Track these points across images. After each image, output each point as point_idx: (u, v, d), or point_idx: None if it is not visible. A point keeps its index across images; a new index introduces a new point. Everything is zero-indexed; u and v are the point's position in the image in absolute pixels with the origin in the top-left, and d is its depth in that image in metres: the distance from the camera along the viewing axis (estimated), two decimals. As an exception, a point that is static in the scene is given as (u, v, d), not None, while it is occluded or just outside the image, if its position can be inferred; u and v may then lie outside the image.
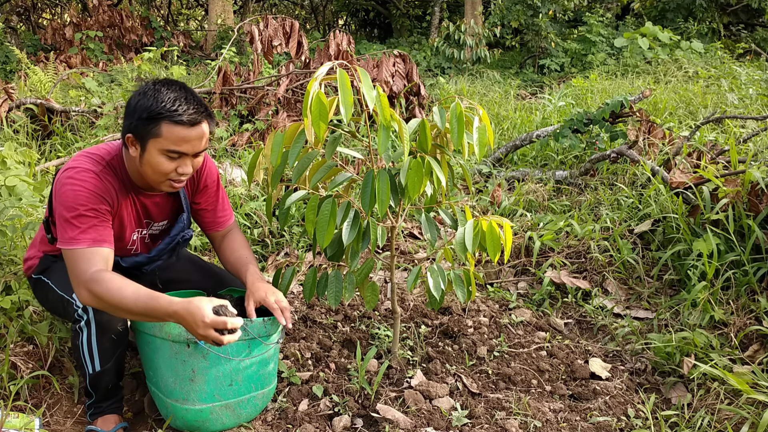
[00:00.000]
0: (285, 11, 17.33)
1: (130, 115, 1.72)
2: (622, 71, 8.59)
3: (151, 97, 1.69)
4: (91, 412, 1.94)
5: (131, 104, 1.73)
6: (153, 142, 1.71)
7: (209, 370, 1.76)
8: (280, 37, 5.46)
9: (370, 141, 1.88)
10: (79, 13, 11.79)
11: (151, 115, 1.68)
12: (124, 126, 1.75)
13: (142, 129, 1.70)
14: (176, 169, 1.76)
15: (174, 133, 1.70)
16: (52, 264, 1.97)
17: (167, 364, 1.78)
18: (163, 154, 1.73)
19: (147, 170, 1.76)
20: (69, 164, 1.77)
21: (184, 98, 1.71)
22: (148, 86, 1.73)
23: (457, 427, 1.93)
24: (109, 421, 1.93)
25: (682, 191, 2.94)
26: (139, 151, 1.74)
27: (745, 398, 1.89)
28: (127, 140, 1.75)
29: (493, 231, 1.93)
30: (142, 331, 1.82)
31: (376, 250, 3.32)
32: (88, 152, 1.81)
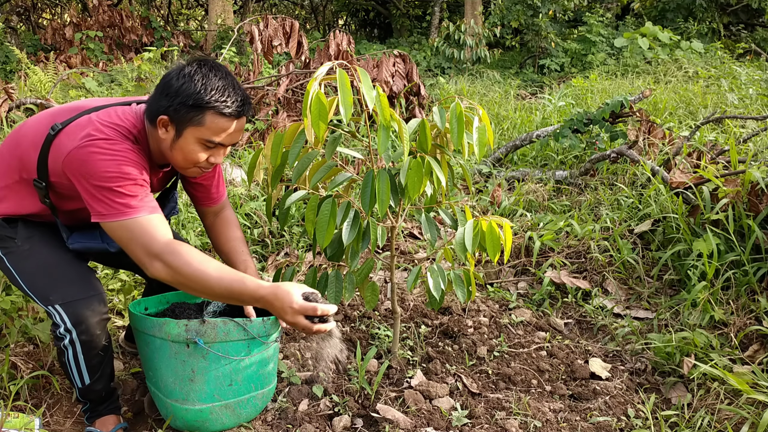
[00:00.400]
0: (285, 11, 17.33)
1: (170, 97, 1.58)
2: (622, 71, 8.59)
3: (198, 83, 1.57)
4: (87, 416, 1.93)
5: (173, 85, 1.58)
6: (192, 130, 1.60)
7: (209, 371, 1.76)
8: (280, 37, 5.46)
9: (370, 141, 1.88)
10: (79, 13, 11.79)
11: (197, 102, 1.56)
12: (159, 105, 1.60)
13: (183, 115, 1.58)
14: (208, 158, 1.68)
15: (217, 124, 1.60)
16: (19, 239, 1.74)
17: (167, 364, 1.78)
18: (199, 143, 1.63)
19: (176, 155, 1.65)
20: (89, 132, 1.57)
21: (232, 87, 1.61)
22: (194, 68, 1.60)
23: (457, 427, 1.93)
24: (108, 422, 1.92)
25: (682, 191, 2.94)
26: (173, 136, 1.62)
27: (745, 398, 1.89)
28: (159, 121, 1.61)
29: (493, 231, 1.93)
30: (141, 331, 1.81)
31: (376, 250, 3.32)
32: (112, 122, 1.62)
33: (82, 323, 1.71)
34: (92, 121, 1.61)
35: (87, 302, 1.72)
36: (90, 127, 1.59)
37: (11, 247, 1.74)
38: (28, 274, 1.73)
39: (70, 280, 1.74)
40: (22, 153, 1.68)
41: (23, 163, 1.67)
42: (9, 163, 1.71)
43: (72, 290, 1.72)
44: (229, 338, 1.74)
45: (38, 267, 1.73)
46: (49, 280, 1.72)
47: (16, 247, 1.74)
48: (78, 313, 1.71)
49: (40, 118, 1.71)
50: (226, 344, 1.75)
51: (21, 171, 1.69)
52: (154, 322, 1.75)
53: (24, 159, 1.67)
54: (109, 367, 1.87)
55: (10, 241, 1.74)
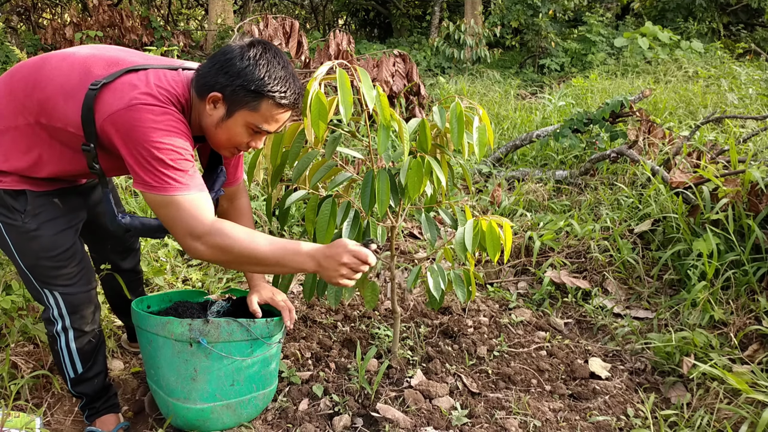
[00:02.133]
0: (285, 11, 17.33)
1: (231, 76, 1.51)
2: (622, 71, 8.59)
3: (263, 68, 1.51)
4: (86, 414, 1.93)
5: (236, 65, 1.51)
6: (244, 114, 1.54)
7: (211, 370, 1.76)
8: (280, 37, 5.46)
9: (370, 141, 1.88)
10: (79, 13, 11.79)
11: (258, 89, 1.50)
12: (216, 81, 1.52)
13: (240, 98, 1.52)
14: (249, 142, 1.62)
15: (271, 112, 1.55)
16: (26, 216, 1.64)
17: (169, 363, 1.78)
18: (247, 126, 1.57)
19: (221, 134, 1.59)
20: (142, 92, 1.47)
21: (292, 79, 1.57)
22: (259, 52, 1.53)
23: (457, 427, 1.93)
24: (109, 421, 1.92)
25: (682, 191, 2.94)
26: (222, 114, 1.55)
27: (744, 398, 1.89)
28: (210, 97, 1.53)
29: (493, 231, 1.93)
30: (144, 329, 1.81)
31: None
32: (164, 87, 1.52)
33: (77, 311, 1.74)
34: (143, 81, 1.51)
35: (87, 295, 1.75)
36: (141, 87, 1.49)
37: (15, 220, 1.64)
38: (31, 256, 1.67)
39: (74, 269, 1.73)
40: (45, 97, 1.53)
41: (44, 107, 1.54)
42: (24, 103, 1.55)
43: (73, 277, 1.72)
44: (233, 338, 1.75)
45: (42, 250, 1.66)
46: (53, 266, 1.68)
47: (21, 222, 1.64)
48: (75, 301, 1.73)
49: (70, 63, 1.56)
50: (230, 344, 1.75)
51: (38, 115, 1.54)
52: (158, 321, 1.75)
53: (46, 104, 1.53)
54: (101, 356, 1.87)
55: (15, 213, 1.63)
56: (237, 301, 2.01)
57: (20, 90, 1.56)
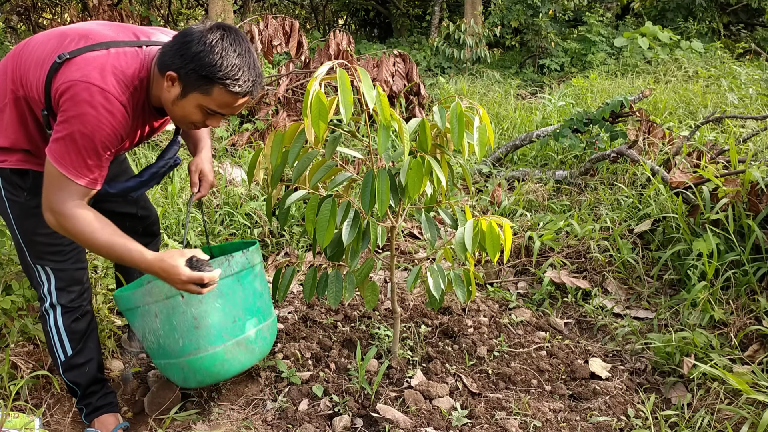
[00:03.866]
0: (285, 11, 17.32)
1: (185, 59, 1.55)
2: (622, 71, 8.59)
3: (217, 56, 1.54)
4: (84, 413, 1.94)
5: (191, 50, 1.54)
6: (196, 96, 1.59)
7: (209, 312, 1.78)
8: (280, 37, 5.46)
9: (370, 141, 1.88)
10: (79, 13, 11.79)
11: (209, 75, 1.54)
12: (171, 62, 1.57)
13: (192, 81, 1.56)
14: (205, 121, 1.68)
15: (223, 98, 1.59)
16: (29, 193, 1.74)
17: (168, 323, 1.79)
18: (200, 108, 1.62)
19: (176, 110, 1.64)
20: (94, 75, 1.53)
21: (247, 66, 1.59)
22: (215, 35, 1.56)
23: (457, 427, 1.93)
24: (108, 422, 1.93)
25: (682, 191, 2.94)
26: (177, 93, 1.60)
27: (744, 398, 1.89)
28: (167, 75, 1.58)
29: (493, 231, 1.93)
30: (133, 307, 1.82)
31: (376, 249, 3.32)
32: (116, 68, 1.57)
33: (67, 288, 1.81)
34: (101, 59, 1.57)
35: (78, 272, 1.84)
36: (96, 65, 1.55)
37: (18, 196, 1.74)
38: (29, 231, 1.76)
39: (68, 246, 1.81)
40: (25, 68, 1.63)
41: (22, 78, 1.63)
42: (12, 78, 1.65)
43: (67, 256, 1.80)
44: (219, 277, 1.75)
45: (39, 226, 1.72)
46: (50, 244, 1.77)
47: (24, 199, 1.74)
48: (66, 278, 1.81)
49: (49, 37, 1.66)
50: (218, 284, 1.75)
51: (19, 87, 1.64)
52: (143, 290, 1.80)
53: (24, 75, 1.62)
54: (92, 343, 1.90)
55: (18, 189, 1.74)
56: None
57: (9, 66, 1.67)
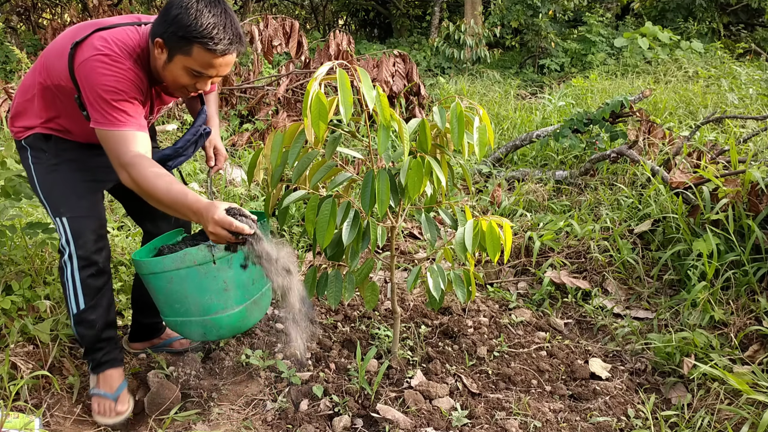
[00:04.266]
0: (285, 11, 17.32)
1: (166, 24, 1.69)
2: (622, 71, 8.59)
3: (192, 16, 1.66)
4: (90, 366, 2.03)
5: (171, 14, 1.69)
6: (180, 58, 1.72)
7: (236, 277, 1.95)
8: (280, 37, 5.46)
9: (370, 141, 1.88)
10: (79, 13, 11.78)
11: (186, 35, 1.67)
12: (157, 29, 1.72)
13: (174, 43, 1.70)
14: (195, 84, 1.79)
15: (203, 57, 1.70)
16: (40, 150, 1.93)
17: (199, 287, 1.92)
18: (186, 70, 1.74)
19: (167, 76, 1.78)
20: (99, 47, 1.72)
21: (223, 26, 1.69)
22: (192, 1, 1.69)
23: (457, 427, 1.93)
24: (112, 378, 2.01)
25: (682, 191, 2.94)
26: (165, 58, 1.74)
27: (745, 398, 1.89)
28: (155, 43, 1.73)
29: (493, 231, 1.93)
30: (159, 272, 1.93)
31: (376, 250, 3.32)
32: (118, 39, 1.75)
33: (80, 237, 1.91)
34: (103, 37, 1.75)
35: (89, 220, 1.94)
36: (99, 42, 1.73)
37: (41, 159, 1.93)
38: (48, 186, 1.93)
39: (81, 198, 1.95)
40: (50, 62, 1.83)
41: (48, 70, 1.83)
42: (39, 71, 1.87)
43: (79, 207, 1.93)
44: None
45: (58, 181, 1.92)
46: (64, 195, 1.92)
47: (46, 159, 1.93)
48: (78, 228, 1.91)
49: (66, 32, 1.86)
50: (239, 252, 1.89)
51: (46, 78, 1.84)
52: (176, 257, 1.90)
53: (50, 67, 1.83)
54: (106, 301, 1.99)
55: (41, 153, 1.93)
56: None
57: (38, 63, 1.89)
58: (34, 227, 2.37)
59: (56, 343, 2.14)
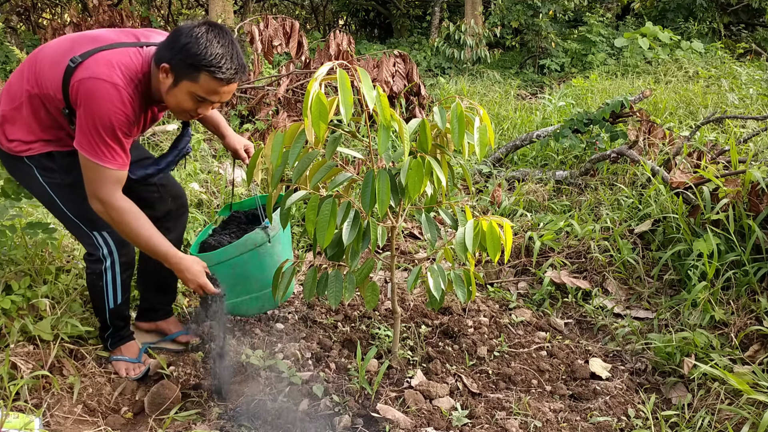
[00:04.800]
0: (285, 11, 17.32)
1: (175, 51, 1.76)
2: (623, 71, 8.58)
3: (201, 45, 1.74)
4: (110, 342, 2.20)
5: (179, 41, 1.76)
6: (187, 84, 1.79)
7: (283, 250, 2.27)
8: (281, 37, 5.45)
9: (370, 141, 1.88)
10: (79, 13, 11.78)
11: (195, 63, 1.75)
12: (164, 55, 1.79)
13: (181, 70, 1.77)
14: (197, 109, 1.87)
15: (210, 85, 1.78)
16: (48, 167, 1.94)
17: (260, 266, 2.18)
18: (191, 95, 1.81)
19: (170, 100, 1.85)
20: (105, 72, 1.75)
21: (230, 56, 1.78)
22: (201, 29, 1.77)
23: (458, 427, 1.93)
24: (133, 348, 2.24)
25: (683, 191, 2.94)
26: (170, 83, 1.81)
27: (745, 398, 1.89)
28: (161, 67, 1.79)
29: (493, 231, 1.92)
30: (224, 260, 2.14)
31: (377, 250, 3.32)
32: (122, 63, 1.79)
33: (124, 246, 2.06)
34: (109, 61, 1.78)
35: None
36: (104, 63, 1.77)
37: (54, 178, 1.95)
38: (77, 205, 1.96)
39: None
40: (39, 69, 1.84)
41: (37, 78, 1.84)
42: (27, 78, 1.86)
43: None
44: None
45: (83, 199, 1.90)
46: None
47: (60, 178, 1.95)
48: (121, 237, 1.98)
49: (60, 42, 1.88)
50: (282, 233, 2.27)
51: (34, 86, 1.84)
52: (238, 244, 2.14)
53: (39, 75, 1.84)
54: (129, 288, 2.19)
55: (51, 172, 1.95)
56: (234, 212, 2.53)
57: (25, 70, 1.88)
58: (34, 227, 2.36)
59: (57, 343, 2.14)
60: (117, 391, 2.13)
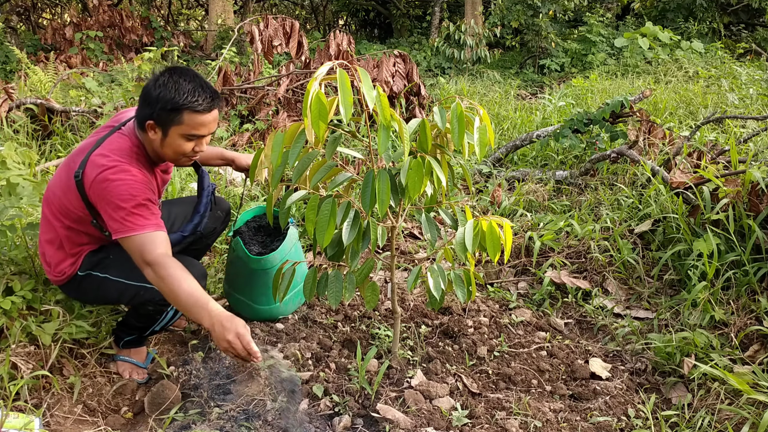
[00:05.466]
0: (285, 11, 17.32)
1: (152, 105, 1.86)
2: (623, 71, 8.58)
3: (171, 89, 1.85)
4: (124, 342, 2.22)
5: (152, 95, 1.86)
6: (175, 129, 1.89)
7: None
8: (281, 37, 5.46)
9: (370, 141, 1.88)
10: (79, 13, 11.79)
11: (174, 106, 1.85)
12: (144, 114, 1.89)
13: (165, 118, 1.87)
14: (193, 148, 1.96)
15: (194, 120, 1.88)
16: (103, 259, 2.07)
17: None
18: (183, 138, 1.91)
19: (167, 151, 1.95)
20: (103, 163, 1.86)
21: (200, 87, 1.88)
22: (165, 77, 1.87)
23: (458, 427, 1.93)
24: (142, 353, 2.26)
25: (683, 191, 2.94)
26: (161, 136, 1.91)
27: (745, 398, 1.89)
28: (147, 126, 1.90)
29: (493, 231, 1.92)
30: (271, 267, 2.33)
31: (377, 250, 3.32)
32: (114, 149, 1.91)
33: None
34: (101, 154, 1.91)
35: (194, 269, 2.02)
36: (100, 159, 1.89)
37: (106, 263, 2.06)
38: (132, 270, 1.95)
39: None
40: (58, 204, 1.99)
41: (64, 210, 1.99)
42: (54, 217, 2.03)
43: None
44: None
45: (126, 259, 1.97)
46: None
47: (111, 261, 2.06)
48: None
49: (59, 173, 2.03)
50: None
51: (64, 218, 2.00)
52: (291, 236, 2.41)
53: (63, 207, 1.98)
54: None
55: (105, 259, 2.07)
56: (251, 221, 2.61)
57: (47, 213, 2.05)
58: (34, 227, 2.36)
59: (58, 344, 2.14)
60: (113, 388, 2.13)
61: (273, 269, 2.31)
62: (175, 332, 2.50)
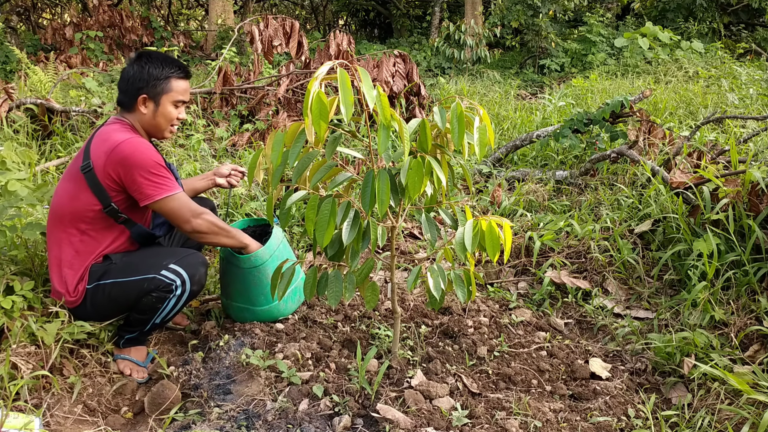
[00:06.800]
0: (285, 11, 17.33)
1: (143, 80, 2.14)
2: (623, 71, 8.59)
3: (156, 65, 2.15)
4: (125, 340, 2.26)
5: (145, 71, 2.14)
6: (165, 97, 2.17)
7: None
8: (281, 37, 5.46)
9: (370, 141, 1.88)
10: (79, 13, 11.79)
11: (161, 76, 2.14)
12: (137, 89, 2.14)
13: (156, 89, 2.15)
14: (178, 116, 2.23)
15: (179, 85, 2.20)
16: (107, 267, 2.15)
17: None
18: (172, 104, 2.19)
19: (160, 120, 2.19)
20: (115, 138, 2.06)
21: (173, 61, 2.20)
22: (143, 59, 2.16)
23: (458, 427, 1.93)
24: (142, 352, 2.30)
25: (683, 191, 2.94)
26: (153, 107, 2.17)
27: (745, 398, 1.89)
28: (139, 101, 2.15)
29: (493, 231, 1.92)
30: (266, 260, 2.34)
31: (377, 250, 3.32)
32: (115, 129, 2.11)
33: (195, 274, 2.17)
34: (106, 136, 2.10)
35: (195, 256, 2.20)
36: (112, 135, 2.09)
37: (112, 269, 2.14)
38: (135, 268, 2.13)
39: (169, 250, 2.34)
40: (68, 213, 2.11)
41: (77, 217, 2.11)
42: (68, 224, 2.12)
43: (177, 253, 2.20)
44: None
45: (141, 257, 2.19)
46: (157, 256, 2.17)
47: (116, 266, 2.15)
48: (192, 265, 2.16)
49: (60, 188, 2.16)
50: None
51: (80, 222, 2.11)
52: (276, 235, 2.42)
53: (75, 211, 2.10)
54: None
55: (110, 266, 2.15)
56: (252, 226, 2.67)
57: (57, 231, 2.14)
58: (34, 227, 2.36)
59: (58, 344, 2.14)
60: (113, 388, 2.13)
61: (264, 266, 2.36)
62: (175, 332, 2.51)
